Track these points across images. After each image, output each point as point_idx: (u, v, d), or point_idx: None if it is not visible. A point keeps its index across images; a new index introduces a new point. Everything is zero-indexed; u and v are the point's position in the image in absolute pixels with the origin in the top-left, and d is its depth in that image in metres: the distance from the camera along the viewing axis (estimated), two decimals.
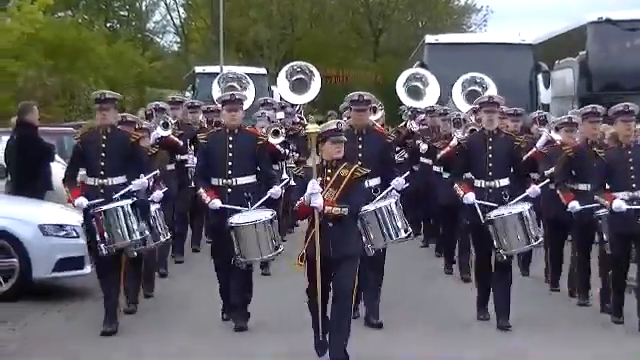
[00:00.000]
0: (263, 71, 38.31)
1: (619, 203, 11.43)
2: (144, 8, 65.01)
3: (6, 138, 16.62)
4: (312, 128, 10.50)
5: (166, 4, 64.97)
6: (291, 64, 16.93)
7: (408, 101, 15.52)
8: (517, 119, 16.50)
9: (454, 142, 15.42)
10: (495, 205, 11.89)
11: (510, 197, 12.08)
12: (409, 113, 16.97)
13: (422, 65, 24.76)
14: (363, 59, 58.81)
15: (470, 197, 11.89)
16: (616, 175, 11.87)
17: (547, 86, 29.18)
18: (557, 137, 14.86)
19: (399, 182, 12.03)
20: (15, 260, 13.66)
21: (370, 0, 64.17)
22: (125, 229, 11.45)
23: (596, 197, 12.02)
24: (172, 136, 16.25)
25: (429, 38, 32.85)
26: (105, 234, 11.37)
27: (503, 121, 15.69)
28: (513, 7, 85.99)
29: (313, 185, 9.56)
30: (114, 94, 12.30)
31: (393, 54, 54.13)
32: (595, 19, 29.24)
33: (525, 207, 11.83)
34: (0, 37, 32.97)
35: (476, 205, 11.85)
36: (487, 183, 12.03)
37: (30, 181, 15.19)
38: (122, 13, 62.59)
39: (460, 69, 16.84)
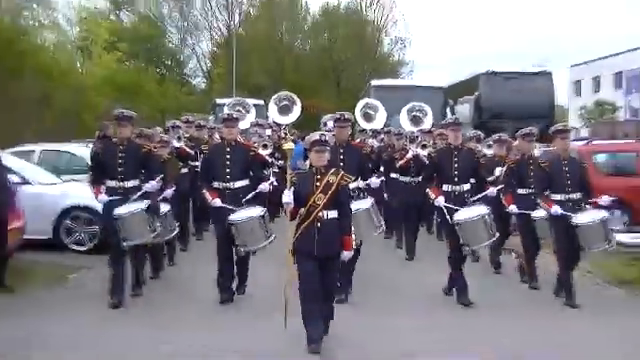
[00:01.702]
0: (262, 102, 38.17)
1: (556, 209, 10.56)
2: (182, 59, 64.64)
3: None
4: (287, 145, 9.69)
5: (197, 57, 65.05)
6: (278, 94, 16.43)
7: (363, 123, 15.19)
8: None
9: (410, 155, 14.75)
10: (458, 208, 10.74)
11: (471, 196, 11.13)
12: (370, 133, 15.94)
13: None
14: (328, 96, 58.51)
15: (440, 200, 10.80)
16: (555, 182, 10.84)
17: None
18: (488, 152, 14.23)
19: (374, 181, 11.10)
20: (97, 227, 13.75)
21: (334, 57, 64.29)
22: (141, 230, 10.37)
23: (539, 201, 11.11)
24: (184, 147, 15.33)
25: (374, 82, 33.67)
26: (126, 234, 10.24)
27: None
28: (431, 59, 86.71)
29: (285, 195, 8.31)
30: (131, 113, 10.86)
31: (349, 93, 53.77)
32: (484, 71, 30.01)
33: (485, 211, 10.72)
34: (88, 78, 33.37)
35: (443, 208, 10.76)
36: (453, 187, 10.96)
37: None
38: (167, 62, 62.41)
39: (396, 104, 16.56)
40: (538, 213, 11.72)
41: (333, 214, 8.23)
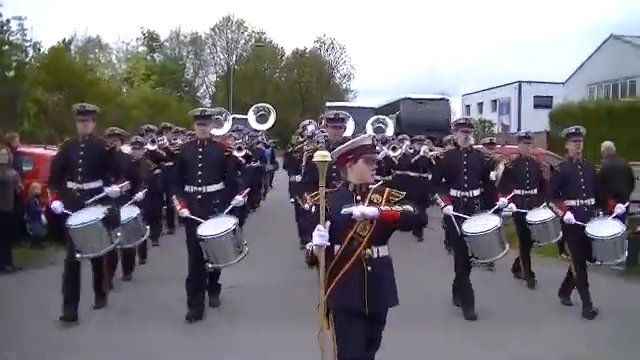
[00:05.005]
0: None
1: (569, 217, 7.47)
2: (195, 86, 64.66)
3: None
4: (321, 156, 3.92)
5: (205, 84, 65.60)
6: (256, 105, 14.31)
7: None
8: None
9: (381, 155, 11.88)
10: (467, 217, 7.48)
11: (480, 206, 7.75)
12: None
13: None
14: (296, 113, 58.03)
15: (449, 209, 7.48)
16: (570, 185, 7.71)
17: None
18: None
19: None
20: None
21: (302, 86, 64.33)
22: (96, 242, 6.78)
23: (550, 204, 7.99)
24: (158, 149, 12.25)
25: (328, 103, 33.38)
26: (79, 246, 6.72)
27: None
28: (368, 87, 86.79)
29: (319, 233, 3.89)
30: (93, 107, 7.25)
31: (312, 111, 53.56)
32: (403, 97, 30.46)
33: (498, 222, 7.36)
34: (128, 99, 33.51)
35: (453, 219, 7.49)
36: (462, 193, 7.64)
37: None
38: (185, 88, 62.24)
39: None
40: (533, 217, 8.99)
41: (384, 251, 4.14)
